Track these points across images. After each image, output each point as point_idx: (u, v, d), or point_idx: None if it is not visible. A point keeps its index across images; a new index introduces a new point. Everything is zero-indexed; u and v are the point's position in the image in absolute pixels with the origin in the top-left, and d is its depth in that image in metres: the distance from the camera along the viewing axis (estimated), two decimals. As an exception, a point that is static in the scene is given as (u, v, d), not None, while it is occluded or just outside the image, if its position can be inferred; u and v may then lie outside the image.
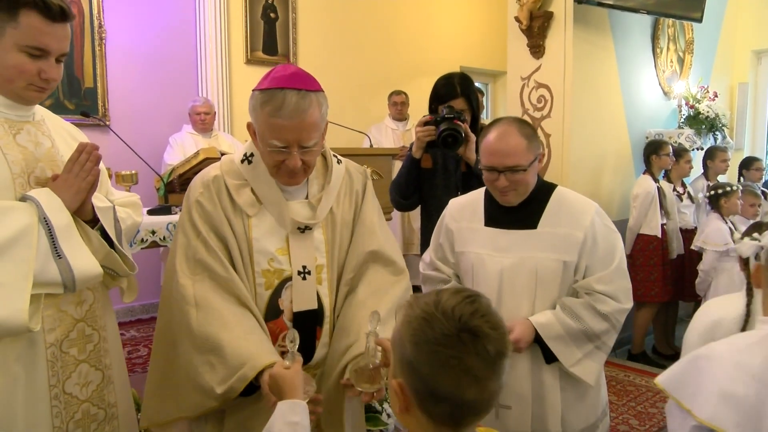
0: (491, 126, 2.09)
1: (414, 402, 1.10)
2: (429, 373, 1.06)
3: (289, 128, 1.67)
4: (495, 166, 2.02)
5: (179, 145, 5.24)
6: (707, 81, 6.53)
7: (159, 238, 3.06)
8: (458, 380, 1.06)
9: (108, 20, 5.27)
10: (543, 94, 5.22)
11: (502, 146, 2.01)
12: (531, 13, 5.10)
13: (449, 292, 1.13)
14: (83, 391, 1.84)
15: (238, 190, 1.81)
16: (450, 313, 1.08)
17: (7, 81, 1.69)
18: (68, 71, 5.08)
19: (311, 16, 6.45)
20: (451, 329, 1.06)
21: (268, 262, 1.81)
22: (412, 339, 1.09)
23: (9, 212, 1.64)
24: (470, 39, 7.91)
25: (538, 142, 2.08)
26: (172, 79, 5.68)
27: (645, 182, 5.01)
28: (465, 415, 1.10)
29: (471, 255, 2.16)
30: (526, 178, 2.04)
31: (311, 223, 1.84)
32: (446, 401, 1.07)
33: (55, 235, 1.68)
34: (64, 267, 1.69)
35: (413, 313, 1.11)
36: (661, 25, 6.06)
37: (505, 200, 2.10)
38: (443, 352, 1.06)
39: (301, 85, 1.69)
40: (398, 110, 6.26)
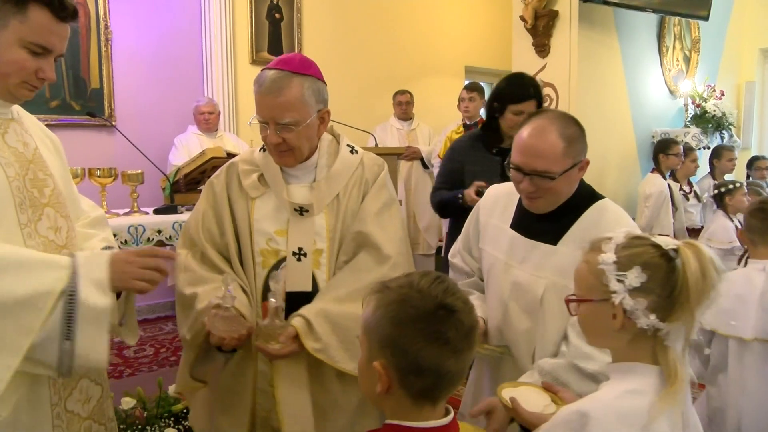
0: (532, 117, 1.81)
1: (396, 380, 1.16)
2: (413, 349, 1.13)
3: (263, 104, 1.81)
4: (521, 166, 1.75)
5: (184, 146, 5.25)
6: (714, 79, 6.51)
7: (165, 237, 3.08)
8: (440, 352, 1.14)
9: (114, 21, 5.28)
10: (548, 93, 5.21)
11: (533, 145, 1.72)
12: (536, 11, 5.10)
13: (419, 275, 1.21)
14: (84, 407, 1.74)
15: (247, 175, 1.96)
16: (426, 292, 1.16)
17: (1, 76, 1.56)
18: (74, 72, 5.10)
19: (316, 17, 6.46)
20: (429, 307, 1.15)
21: (267, 242, 1.90)
22: (393, 320, 1.15)
23: (37, 269, 1.47)
24: (475, 38, 7.90)
25: (580, 147, 1.75)
26: (177, 79, 5.69)
27: (656, 181, 4.98)
28: (444, 386, 1.18)
29: (490, 257, 1.97)
30: (555, 187, 1.74)
31: (306, 205, 1.89)
32: (429, 374, 1.15)
33: (76, 315, 1.46)
34: (66, 351, 1.47)
35: (388, 297, 1.18)
36: (667, 24, 6.04)
37: (531, 206, 1.83)
38: (426, 328, 1.14)
39: (285, 66, 1.82)
40: (403, 110, 6.26)
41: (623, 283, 1.23)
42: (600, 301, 1.27)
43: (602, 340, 1.34)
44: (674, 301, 1.21)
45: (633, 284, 1.22)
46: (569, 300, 1.36)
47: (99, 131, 5.24)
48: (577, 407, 1.24)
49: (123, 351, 4.59)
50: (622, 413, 1.19)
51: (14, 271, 1.43)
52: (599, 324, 1.30)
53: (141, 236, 2.99)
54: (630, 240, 1.28)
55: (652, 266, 1.22)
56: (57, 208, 1.69)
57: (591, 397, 1.28)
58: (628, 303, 1.22)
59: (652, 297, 1.22)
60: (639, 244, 1.26)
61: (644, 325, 1.22)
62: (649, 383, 1.23)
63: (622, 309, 1.24)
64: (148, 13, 5.51)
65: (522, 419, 1.47)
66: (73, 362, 1.47)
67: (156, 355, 4.55)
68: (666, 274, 1.21)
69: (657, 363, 1.25)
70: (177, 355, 4.55)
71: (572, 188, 1.80)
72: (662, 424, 1.19)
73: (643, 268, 1.22)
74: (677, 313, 1.21)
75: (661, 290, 1.22)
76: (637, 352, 1.27)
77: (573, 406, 1.26)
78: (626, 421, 1.18)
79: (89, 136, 5.15)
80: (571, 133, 1.73)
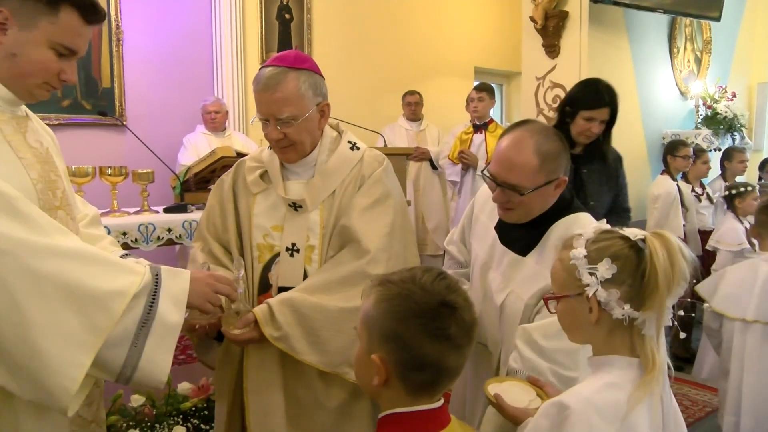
0: (515, 126, 1.81)
1: (395, 373, 1.17)
2: (416, 344, 1.15)
3: (262, 101, 1.83)
4: (495, 176, 1.75)
5: (192, 146, 5.26)
6: (725, 81, 6.47)
7: (175, 235, 3.08)
8: (442, 348, 1.16)
9: (125, 22, 5.31)
10: (558, 94, 5.20)
11: (508, 157, 1.72)
12: (546, 12, 5.09)
13: (421, 270, 1.23)
14: (89, 411, 1.71)
15: (251, 171, 2.01)
16: (430, 288, 1.18)
17: (23, 75, 1.54)
18: (86, 72, 5.13)
19: (326, 17, 6.47)
20: (432, 303, 1.16)
21: (263, 236, 1.94)
22: (396, 314, 1.17)
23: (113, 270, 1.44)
24: (484, 39, 7.89)
25: (557, 165, 1.73)
26: (188, 79, 5.72)
27: (665, 183, 4.94)
28: (443, 381, 1.20)
29: (474, 253, 2.03)
30: (526, 201, 1.73)
31: (299, 201, 1.91)
32: (430, 368, 1.17)
33: (151, 325, 1.44)
34: (132, 360, 1.43)
35: (390, 291, 1.19)
36: (678, 25, 6.01)
37: (503, 216, 1.83)
38: (428, 324, 1.15)
39: (280, 62, 1.83)
40: (412, 110, 6.25)
41: (595, 275, 1.27)
42: (576, 296, 1.31)
43: (581, 334, 1.37)
44: (645, 289, 1.25)
45: (604, 276, 1.26)
46: (547, 298, 1.41)
47: (109, 130, 5.27)
48: (558, 400, 1.27)
49: (132, 349, 4.61)
50: (601, 406, 1.22)
51: (90, 267, 1.40)
52: (577, 319, 1.34)
53: (151, 235, 3.00)
54: (599, 235, 1.33)
55: (621, 257, 1.27)
56: (67, 210, 1.67)
57: (571, 391, 1.31)
58: (601, 295, 1.27)
59: (624, 287, 1.26)
60: (608, 238, 1.31)
61: (619, 315, 1.26)
62: (626, 375, 1.27)
63: (597, 301, 1.28)
64: (159, 14, 5.54)
65: (507, 414, 1.50)
66: (135, 373, 1.44)
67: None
68: (635, 264, 1.26)
69: (635, 353, 1.30)
70: (186, 353, 4.56)
71: (546, 204, 1.78)
72: (641, 412, 1.23)
73: (613, 260, 1.26)
74: (649, 301, 1.24)
75: (632, 280, 1.26)
76: (616, 344, 1.31)
77: (554, 400, 1.29)
78: (606, 414, 1.22)
79: (100, 135, 5.17)
80: (549, 150, 1.70)
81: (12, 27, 1.50)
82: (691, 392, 4.18)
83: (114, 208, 3.16)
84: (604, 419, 1.21)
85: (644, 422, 1.23)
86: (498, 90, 8.58)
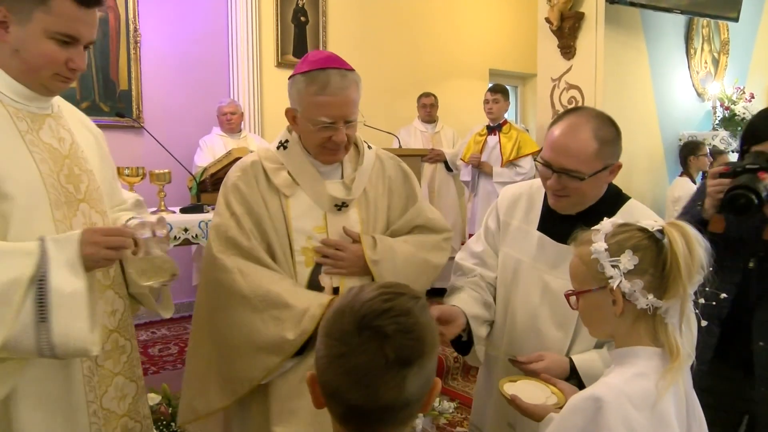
0: (567, 113, 1.77)
1: (322, 397, 1.05)
2: (322, 368, 1.02)
3: (334, 104, 1.80)
4: (550, 162, 1.70)
5: (209, 147, 5.31)
6: (743, 82, 6.41)
7: (192, 235, 3.12)
8: (341, 379, 0.99)
9: (143, 24, 5.38)
10: (574, 95, 5.18)
11: (564, 142, 1.68)
12: (562, 13, 5.07)
13: (375, 285, 1.06)
14: (121, 405, 1.77)
15: (276, 173, 1.90)
16: (358, 308, 1.01)
17: (32, 70, 1.54)
18: (104, 74, 5.20)
19: (341, 20, 6.50)
20: (352, 325, 0.99)
21: (306, 240, 1.89)
22: (321, 330, 1.05)
23: (5, 259, 1.43)
24: (499, 41, 7.88)
25: (614, 150, 1.72)
26: (204, 81, 5.77)
27: (686, 184, 4.92)
28: (360, 420, 1.02)
29: (511, 259, 1.90)
30: (583, 187, 1.69)
31: (348, 200, 1.93)
32: (334, 399, 1.02)
33: (48, 301, 1.44)
34: (44, 337, 1.43)
35: (337, 304, 1.06)
36: (696, 26, 5.96)
37: (556, 206, 1.78)
38: (335, 347, 1.00)
39: (339, 65, 1.85)
40: (427, 112, 6.25)
41: (618, 267, 1.29)
42: (598, 289, 1.33)
43: (606, 328, 1.38)
44: (667, 277, 1.27)
45: (627, 267, 1.28)
46: (568, 294, 1.42)
47: (127, 132, 5.32)
48: (590, 393, 1.27)
49: (148, 349, 4.65)
50: (632, 395, 1.24)
51: None
52: (601, 313, 1.36)
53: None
54: (617, 228, 1.35)
55: (641, 248, 1.29)
56: (92, 203, 1.69)
57: (601, 383, 1.31)
58: (625, 286, 1.28)
59: (646, 277, 1.28)
60: (626, 230, 1.33)
61: (644, 305, 1.29)
62: (651, 365, 1.29)
63: (621, 293, 1.29)
64: (176, 17, 5.60)
65: (526, 412, 1.51)
66: (55, 349, 1.45)
67: (180, 354, 4.60)
68: (656, 254, 1.29)
69: (657, 344, 1.31)
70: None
71: (600, 191, 1.76)
72: (668, 400, 1.26)
73: (634, 251, 1.28)
74: (672, 289, 1.27)
75: (654, 269, 1.28)
76: (639, 335, 1.32)
77: (585, 393, 1.29)
78: (637, 403, 1.23)
79: (118, 136, 5.23)
80: (605, 135, 1.69)
81: (12, 24, 1.51)
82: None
83: (131, 208, 3.20)
84: (636, 408, 1.22)
85: (671, 409, 1.26)
86: (513, 92, 8.56)
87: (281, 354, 1.75)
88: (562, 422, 1.30)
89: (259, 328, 1.75)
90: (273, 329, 1.74)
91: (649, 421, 1.23)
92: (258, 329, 1.75)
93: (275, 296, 1.76)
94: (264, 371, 1.77)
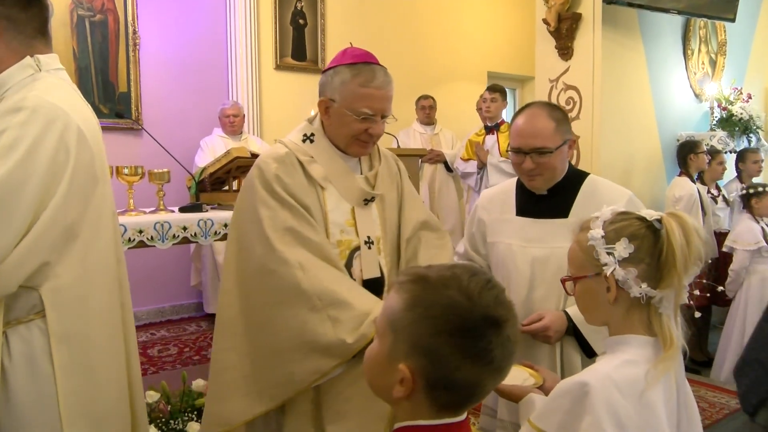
0: (522, 109, 2.09)
1: (421, 389, 1.01)
2: (452, 365, 0.99)
3: (378, 97, 1.89)
4: (521, 147, 2.00)
5: (210, 148, 5.33)
6: (741, 82, 6.42)
7: (190, 234, 3.11)
8: (482, 371, 1.01)
9: (142, 27, 5.39)
10: (572, 96, 5.19)
11: (529, 127, 2.00)
12: (559, 14, 5.08)
13: (466, 273, 1.04)
14: None
15: (311, 165, 1.91)
16: (477, 299, 1.00)
17: None
18: (103, 76, 5.22)
19: (340, 23, 6.52)
20: (478, 319, 0.99)
21: (340, 232, 1.92)
22: (434, 326, 0.99)
23: None
24: (498, 44, 7.90)
25: (567, 127, 2.05)
26: (203, 84, 5.78)
27: (686, 184, 4.92)
28: (475, 401, 1.06)
29: (502, 246, 2.11)
30: (552, 161, 1.99)
31: (376, 194, 2.00)
32: (463, 391, 1.02)
33: None
34: None
35: (429, 295, 1.01)
36: (693, 27, 5.98)
37: (532, 185, 2.06)
38: (472, 344, 0.99)
39: (375, 60, 1.95)
40: (426, 114, 6.27)
41: (613, 255, 1.30)
42: (594, 276, 1.35)
43: (599, 314, 1.40)
44: (662, 267, 1.27)
45: (622, 255, 1.29)
46: (565, 280, 1.45)
47: (126, 134, 5.34)
48: (578, 379, 1.29)
49: (147, 350, 4.66)
50: (619, 382, 1.24)
51: None
52: (595, 299, 1.37)
53: (167, 233, 3.03)
54: (616, 216, 1.36)
55: (638, 237, 1.30)
56: None
57: (590, 369, 1.33)
58: (619, 273, 1.30)
59: (641, 266, 1.29)
60: (625, 218, 1.34)
61: (637, 293, 1.30)
62: (642, 354, 1.30)
63: (615, 280, 1.30)
64: (174, 19, 5.62)
65: (503, 393, 1.55)
66: None
67: (180, 355, 4.61)
68: (652, 244, 1.29)
69: (651, 333, 1.32)
70: (200, 354, 4.59)
71: (565, 165, 2.06)
72: (658, 390, 1.26)
73: (631, 239, 1.30)
74: (667, 279, 1.27)
75: (649, 259, 1.29)
76: (633, 323, 1.33)
77: (574, 378, 1.30)
78: (624, 390, 1.24)
79: (117, 138, 5.25)
80: (559, 116, 2.02)
81: None
82: (708, 394, 4.14)
83: (130, 207, 3.20)
84: (623, 394, 1.23)
85: (660, 399, 1.26)
86: (511, 94, 8.58)
87: (337, 357, 1.68)
88: (551, 404, 1.32)
89: (315, 328, 1.69)
90: (331, 330, 1.68)
91: (635, 408, 1.23)
92: (314, 328, 1.69)
93: (336, 295, 1.71)
94: (315, 374, 1.70)
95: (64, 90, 1.64)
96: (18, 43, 1.61)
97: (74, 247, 1.56)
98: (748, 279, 4.39)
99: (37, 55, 1.63)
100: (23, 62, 1.60)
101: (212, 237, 3.21)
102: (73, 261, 1.56)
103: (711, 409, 3.89)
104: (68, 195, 1.52)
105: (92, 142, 1.64)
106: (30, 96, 1.52)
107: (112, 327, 1.69)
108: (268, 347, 1.77)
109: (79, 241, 1.57)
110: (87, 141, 1.61)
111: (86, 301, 1.59)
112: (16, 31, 1.60)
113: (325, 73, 1.95)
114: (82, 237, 1.58)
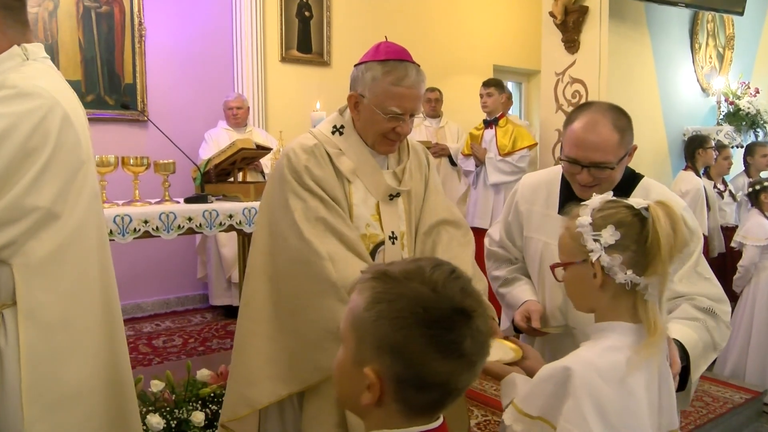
0: (581, 110, 1.84)
1: (391, 391, 0.95)
2: (420, 360, 0.93)
3: (408, 97, 1.84)
4: (578, 159, 1.78)
5: (214, 140, 5.33)
6: (749, 77, 6.39)
7: (195, 224, 3.13)
8: (453, 366, 0.95)
9: (148, 18, 5.39)
10: (578, 89, 5.18)
11: (589, 138, 1.76)
12: (566, 7, 5.07)
13: (429, 264, 0.99)
14: None
15: (339, 158, 1.92)
16: (442, 290, 0.95)
17: None
18: (109, 67, 5.22)
19: (345, 15, 6.50)
20: (445, 310, 0.94)
21: (365, 226, 1.93)
22: (398, 321, 0.94)
23: None
24: (504, 37, 7.87)
25: (631, 135, 1.83)
26: (208, 76, 5.78)
27: (692, 179, 4.91)
28: (449, 401, 0.99)
29: (539, 243, 1.99)
30: (612, 175, 1.80)
31: (403, 190, 1.98)
32: (435, 389, 0.96)
33: None
34: None
35: (392, 289, 0.96)
36: (701, 20, 5.94)
37: (586, 196, 1.77)
38: (441, 336, 0.93)
39: (408, 57, 1.88)
40: (432, 107, 6.26)
41: (599, 241, 1.32)
42: (581, 262, 1.36)
43: (587, 301, 1.42)
44: (648, 254, 1.28)
45: (608, 242, 1.31)
46: (554, 266, 1.47)
47: (132, 126, 5.35)
48: (561, 363, 1.31)
49: (152, 341, 4.68)
50: (601, 367, 1.27)
51: None
52: (583, 286, 1.39)
53: (172, 223, 3.05)
54: (604, 204, 1.37)
55: (625, 224, 1.31)
56: None
57: (574, 354, 1.35)
58: (605, 260, 1.31)
59: (627, 253, 1.30)
60: (612, 206, 1.36)
61: (622, 280, 1.30)
62: (625, 340, 1.32)
63: (601, 266, 1.32)
64: (180, 11, 5.61)
65: (486, 371, 1.54)
66: None
67: (184, 345, 4.63)
68: (638, 231, 1.31)
69: (637, 320, 1.33)
70: (205, 345, 4.62)
71: (622, 174, 1.88)
72: (638, 377, 1.28)
73: (617, 227, 1.31)
74: (652, 267, 1.28)
75: (635, 246, 1.30)
76: (619, 310, 1.35)
77: (557, 363, 1.33)
78: (605, 375, 1.26)
79: (123, 130, 5.25)
80: (623, 124, 1.79)
81: None
82: (712, 389, 4.13)
83: (136, 198, 3.21)
84: (604, 379, 1.25)
85: (641, 385, 1.28)
86: (517, 88, 8.55)
87: None
88: (535, 388, 1.36)
89: None
90: None
91: (617, 393, 1.25)
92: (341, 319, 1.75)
93: None
94: None
95: (50, 75, 1.65)
96: (14, 32, 1.61)
97: (54, 227, 1.56)
98: (757, 275, 4.37)
99: (24, 44, 1.63)
100: (12, 51, 1.59)
101: (217, 228, 3.22)
102: (50, 240, 1.56)
103: (715, 404, 3.88)
104: (41, 178, 1.52)
105: (78, 128, 1.65)
106: (17, 77, 1.53)
107: (86, 308, 1.67)
108: (298, 334, 1.81)
109: (60, 222, 1.57)
110: (73, 125, 1.61)
111: (58, 279, 1.59)
112: (12, 19, 1.60)
113: (356, 67, 1.93)
114: (64, 218, 1.58)
